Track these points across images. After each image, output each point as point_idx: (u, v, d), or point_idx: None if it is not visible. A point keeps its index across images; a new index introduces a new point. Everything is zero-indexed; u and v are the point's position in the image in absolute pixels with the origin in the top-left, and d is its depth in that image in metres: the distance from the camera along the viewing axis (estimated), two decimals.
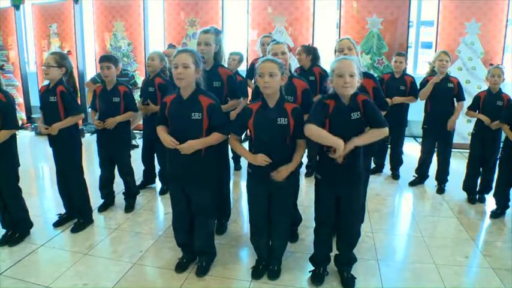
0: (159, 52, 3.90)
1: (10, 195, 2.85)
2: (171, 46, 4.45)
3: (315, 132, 2.14)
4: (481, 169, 3.73)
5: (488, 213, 3.48)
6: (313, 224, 2.45)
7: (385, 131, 2.18)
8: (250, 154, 2.31)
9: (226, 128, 2.40)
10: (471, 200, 3.74)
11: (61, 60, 2.94)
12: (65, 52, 3.73)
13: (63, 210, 3.24)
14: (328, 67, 2.30)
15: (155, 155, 3.99)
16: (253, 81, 3.82)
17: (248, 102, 3.11)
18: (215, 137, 2.36)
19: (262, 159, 2.24)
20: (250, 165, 2.39)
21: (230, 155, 4.54)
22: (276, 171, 2.26)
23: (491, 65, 3.70)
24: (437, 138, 4.00)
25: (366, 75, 2.72)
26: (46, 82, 3.04)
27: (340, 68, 2.14)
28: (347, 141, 2.13)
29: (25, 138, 6.31)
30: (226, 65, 2.99)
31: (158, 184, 4.10)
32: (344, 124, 2.17)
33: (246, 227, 3.19)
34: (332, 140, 2.12)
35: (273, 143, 2.26)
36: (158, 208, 3.66)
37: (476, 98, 3.67)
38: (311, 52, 4.14)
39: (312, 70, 4.14)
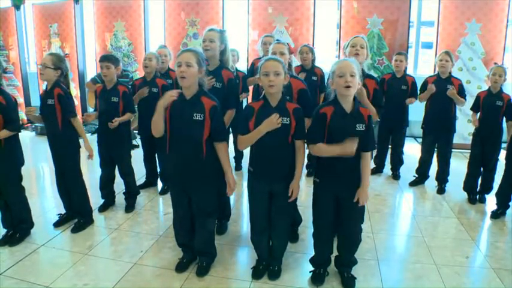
0: (154, 53, 3.91)
1: (12, 194, 2.86)
2: (162, 47, 4.43)
3: (324, 151, 2.19)
4: (481, 169, 3.73)
5: (489, 214, 3.47)
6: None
7: (369, 155, 2.26)
8: (261, 125, 2.22)
9: (223, 136, 2.40)
10: (471, 200, 3.74)
11: (58, 62, 2.93)
12: (64, 54, 3.72)
13: (63, 211, 3.24)
14: (327, 67, 2.31)
15: (156, 155, 3.98)
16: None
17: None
18: (224, 149, 2.40)
19: (276, 118, 2.19)
20: (251, 164, 2.39)
21: (232, 154, 4.57)
22: (290, 191, 2.32)
23: (495, 64, 3.69)
24: (438, 138, 3.99)
25: (368, 76, 2.80)
26: (45, 85, 3.04)
27: (341, 68, 2.14)
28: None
29: (25, 138, 6.29)
30: (230, 66, 2.98)
31: (159, 184, 4.11)
32: (345, 133, 2.14)
33: (246, 227, 3.19)
34: (340, 150, 2.13)
35: (275, 143, 2.26)
36: (158, 208, 3.66)
37: (477, 98, 3.68)
38: (313, 52, 4.18)
39: (313, 70, 4.15)
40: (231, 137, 3.42)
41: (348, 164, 2.20)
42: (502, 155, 3.52)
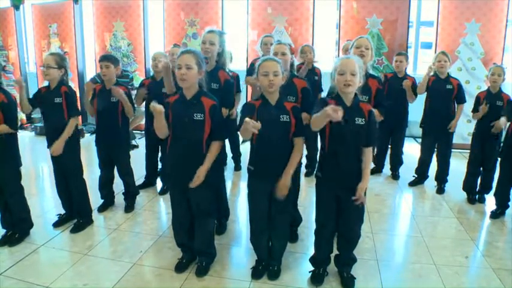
0: (163, 52, 3.89)
1: (12, 194, 2.86)
2: (175, 46, 4.43)
3: (313, 121, 2.09)
4: (481, 169, 3.73)
5: (488, 214, 3.48)
6: (313, 224, 2.44)
7: (371, 150, 2.26)
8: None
9: (224, 134, 2.43)
10: (471, 200, 3.74)
11: (61, 61, 2.97)
12: (63, 53, 3.74)
13: (62, 211, 3.24)
14: (327, 67, 2.32)
15: (159, 155, 3.99)
16: None
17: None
18: (217, 148, 2.39)
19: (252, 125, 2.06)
20: (251, 163, 2.39)
21: (229, 155, 4.57)
22: (277, 189, 2.28)
23: (494, 64, 3.70)
24: (437, 138, 4.00)
25: (372, 76, 2.81)
26: (46, 83, 3.05)
27: (342, 66, 2.15)
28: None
29: (25, 138, 6.31)
30: (227, 67, 3.01)
31: (158, 184, 4.11)
32: (345, 126, 2.14)
33: (245, 227, 3.19)
34: (322, 116, 1.99)
35: (276, 141, 2.27)
36: (158, 208, 3.65)
37: (477, 99, 3.68)
38: (314, 52, 4.19)
39: (314, 70, 4.16)
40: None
41: (350, 162, 2.20)
42: None
